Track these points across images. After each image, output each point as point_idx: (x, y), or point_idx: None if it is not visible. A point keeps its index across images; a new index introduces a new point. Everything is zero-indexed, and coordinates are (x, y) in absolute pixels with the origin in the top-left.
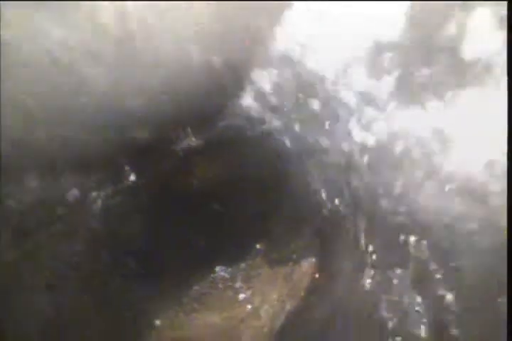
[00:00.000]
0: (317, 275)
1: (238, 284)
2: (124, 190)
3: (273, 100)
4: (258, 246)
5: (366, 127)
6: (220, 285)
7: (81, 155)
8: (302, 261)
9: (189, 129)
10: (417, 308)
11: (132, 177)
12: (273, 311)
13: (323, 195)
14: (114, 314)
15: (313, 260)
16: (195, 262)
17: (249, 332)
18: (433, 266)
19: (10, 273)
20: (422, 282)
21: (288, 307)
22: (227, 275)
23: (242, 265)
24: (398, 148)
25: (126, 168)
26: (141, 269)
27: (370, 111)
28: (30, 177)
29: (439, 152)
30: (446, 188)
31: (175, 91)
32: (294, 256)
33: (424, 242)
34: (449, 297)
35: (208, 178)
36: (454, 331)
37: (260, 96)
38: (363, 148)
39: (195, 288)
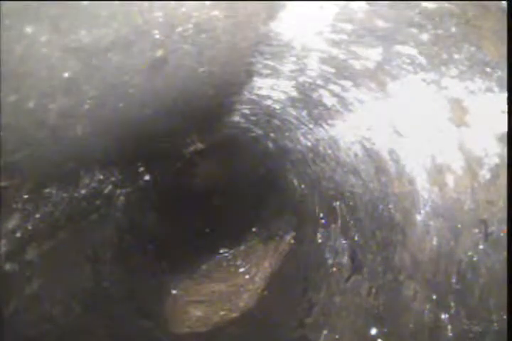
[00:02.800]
0: (293, 241)
1: (239, 262)
2: (140, 187)
3: (252, 117)
4: (253, 229)
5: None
6: (224, 264)
7: (107, 157)
8: (285, 235)
9: (195, 137)
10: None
11: (147, 177)
12: (265, 276)
13: (295, 183)
14: (140, 282)
15: (294, 233)
16: (201, 246)
17: (247, 294)
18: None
19: (62, 248)
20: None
21: (274, 267)
22: (229, 256)
23: (242, 247)
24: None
25: (142, 169)
26: (158, 251)
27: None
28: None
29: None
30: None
31: (186, 109)
32: (280, 232)
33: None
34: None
35: (209, 176)
36: None
37: (244, 115)
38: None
39: (203, 267)
